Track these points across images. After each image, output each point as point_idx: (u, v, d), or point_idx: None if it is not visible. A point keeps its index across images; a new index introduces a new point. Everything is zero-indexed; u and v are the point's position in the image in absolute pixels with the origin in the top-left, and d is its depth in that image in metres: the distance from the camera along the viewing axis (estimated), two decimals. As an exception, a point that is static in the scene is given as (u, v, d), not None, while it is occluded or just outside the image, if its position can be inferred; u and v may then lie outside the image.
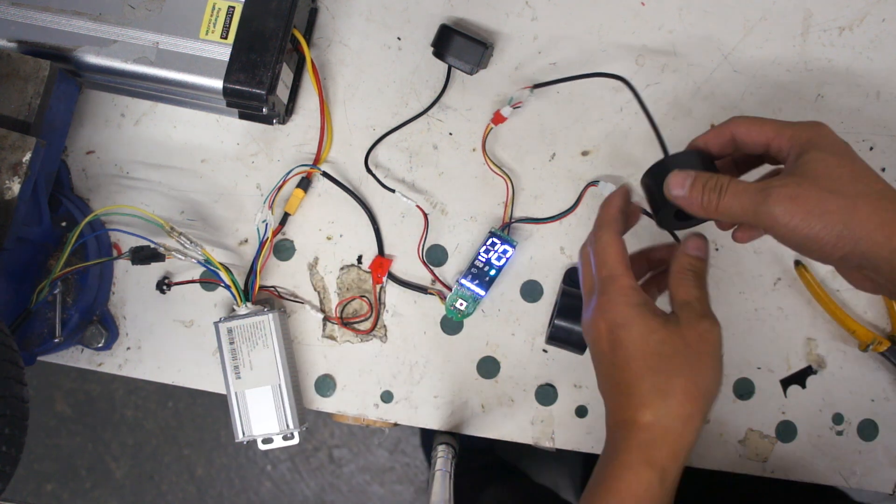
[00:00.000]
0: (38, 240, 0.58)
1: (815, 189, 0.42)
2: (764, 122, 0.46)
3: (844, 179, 0.42)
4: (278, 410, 0.60)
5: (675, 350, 0.44)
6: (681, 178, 0.46)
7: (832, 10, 0.65)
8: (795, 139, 0.44)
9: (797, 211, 0.42)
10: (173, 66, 0.57)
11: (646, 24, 0.65)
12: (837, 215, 0.41)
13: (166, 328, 0.64)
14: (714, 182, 0.45)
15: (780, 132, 0.45)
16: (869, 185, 0.42)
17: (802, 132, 0.45)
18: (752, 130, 0.46)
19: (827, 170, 0.42)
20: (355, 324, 0.64)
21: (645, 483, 0.44)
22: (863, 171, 0.43)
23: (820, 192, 0.41)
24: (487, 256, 0.62)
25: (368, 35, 0.65)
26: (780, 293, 0.64)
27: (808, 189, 0.42)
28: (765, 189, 0.43)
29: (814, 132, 0.44)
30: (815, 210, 0.41)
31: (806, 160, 0.43)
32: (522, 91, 0.62)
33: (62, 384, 1.44)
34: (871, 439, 0.64)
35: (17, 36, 0.57)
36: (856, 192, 0.41)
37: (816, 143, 0.44)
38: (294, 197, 0.64)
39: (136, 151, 0.65)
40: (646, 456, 0.44)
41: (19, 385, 0.47)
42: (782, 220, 0.42)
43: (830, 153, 0.43)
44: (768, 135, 0.45)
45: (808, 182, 0.42)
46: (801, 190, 0.42)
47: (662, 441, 0.44)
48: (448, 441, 0.65)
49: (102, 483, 1.45)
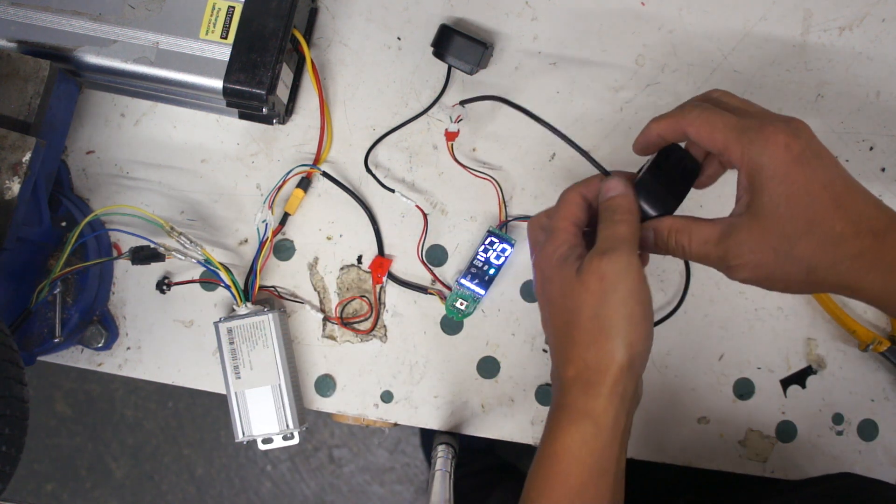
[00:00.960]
0: (38, 240, 0.58)
1: (773, 254, 0.42)
2: (714, 129, 0.43)
3: (798, 235, 0.41)
4: (278, 410, 0.60)
5: (580, 301, 0.45)
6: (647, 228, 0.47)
7: (832, 10, 0.65)
8: (746, 162, 0.42)
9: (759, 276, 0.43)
10: (173, 66, 0.57)
11: (646, 24, 0.65)
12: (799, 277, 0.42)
13: (166, 328, 0.64)
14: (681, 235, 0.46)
15: (729, 145, 0.43)
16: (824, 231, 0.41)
17: (753, 155, 0.42)
18: (703, 133, 0.44)
19: (780, 224, 0.41)
20: (355, 324, 0.64)
21: (578, 439, 0.44)
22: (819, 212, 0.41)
23: (777, 258, 0.42)
24: (486, 256, 0.62)
25: (368, 35, 0.65)
26: (780, 293, 0.64)
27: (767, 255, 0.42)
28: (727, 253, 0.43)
29: (765, 157, 0.42)
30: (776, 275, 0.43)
31: (759, 209, 0.42)
32: (454, 108, 0.62)
33: (62, 384, 1.44)
34: (871, 439, 0.64)
35: (17, 36, 0.57)
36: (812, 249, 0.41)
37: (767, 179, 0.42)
38: (294, 197, 0.64)
39: (136, 151, 0.65)
40: (574, 411, 0.45)
41: (19, 385, 0.47)
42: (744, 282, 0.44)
43: (782, 196, 0.41)
44: (717, 145, 0.44)
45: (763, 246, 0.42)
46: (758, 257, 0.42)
47: (585, 393, 0.44)
48: (448, 441, 0.65)
49: (102, 483, 1.45)
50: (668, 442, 0.64)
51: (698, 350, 0.64)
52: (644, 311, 0.44)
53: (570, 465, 0.45)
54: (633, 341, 0.44)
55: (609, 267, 0.44)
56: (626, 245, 0.45)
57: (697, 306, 0.64)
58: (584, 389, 0.45)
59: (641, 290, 0.44)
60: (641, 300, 0.44)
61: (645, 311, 0.44)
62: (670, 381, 0.64)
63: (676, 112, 0.46)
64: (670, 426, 0.64)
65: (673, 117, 0.46)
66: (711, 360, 0.64)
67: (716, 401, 0.64)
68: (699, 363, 0.64)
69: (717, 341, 0.64)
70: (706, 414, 0.64)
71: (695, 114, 0.44)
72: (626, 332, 0.44)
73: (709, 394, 0.64)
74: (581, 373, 0.45)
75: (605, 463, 0.44)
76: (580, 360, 0.45)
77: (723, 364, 0.64)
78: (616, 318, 0.44)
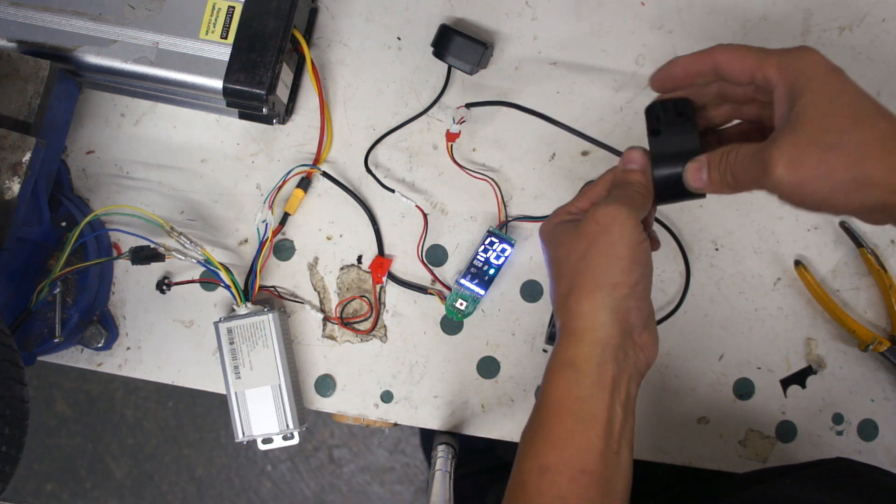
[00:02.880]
0: (38, 240, 0.58)
1: (815, 149, 0.39)
2: (748, 51, 0.43)
3: (845, 128, 0.39)
4: (278, 410, 0.60)
5: (573, 246, 0.46)
6: (695, 170, 0.45)
7: (832, 10, 0.65)
8: (783, 71, 0.41)
9: (802, 176, 0.39)
10: (173, 66, 0.57)
11: (646, 24, 0.65)
12: (844, 172, 0.39)
13: (166, 328, 0.64)
14: (723, 161, 0.44)
15: (764, 61, 0.42)
16: (872, 128, 0.39)
17: (790, 63, 0.41)
18: (735, 60, 0.43)
19: (824, 120, 0.39)
20: (355, 324, 0.64)
21: (562, 386, 0.45)
22: (863, 110, 0.40)
23: (821, 151, 0.39)
24: (486, 256, 0.62)
25: (368, 35, 0.65)
26: (780, 293, 0.64)
27: (809, 149, 0.39)
28: (765, 157, 0.41)
29: (803, 63, 0.41)
30: (819, 172, 0.39)
31: (800, 109, 0.40)
32: (458, 110, 0.62)
33: (62, 384, 1.44)
34: (871, 439, 0.64)
35: (17, 36, 0.57)
36: (859, 140, 0.39)
37: (807, 81, 0.41)
38: (294, 197, 0.64)
39: (136, 151, 0.65)
40: (557, 361, 0.46)
41: (19, 385, 0.47)
42: (788, 188, 0.40)
43: (825, 95, 0.40)
44: (751, 65, 0.43)
45: (806, 140, 0.39)
46: (800, 152, 0.39)
47: (568, 341, 0.45)
48: (448, 441, 0.65)
49: (102, 483, 1.45)
50: (668, 442, 0.64)
51: (698, 350, 0.64)
52: (634, 255, 0.45)
53: (555, 414, 0.45)
54: (619, 283, 0.44)
55: (603, 211, 0.45)
56: (628, 201, 0.46)
57: (697, 306, 0.64)
58: (567, 337, 0.46)
59: (633, 235, 0.45)
60: (631, 244, 0.45)
61: (635, 256, 0.45)
62: (670, 381, 0.64)
63: (702, 51, 0.45)
64: (670, 426, 0.64)
65: (700, 53, 0.45)
66: (711, 360, 0.64)
67: (716, 401, 0.64)
68: (699, 363, 0.64)
69: (717, 341, 0.64)
70: (706, 414, 0.64)
71: (723, 46, 0.44)
72: (610, 274, 0.44)
73: (709, 394, 0.64)
74: (565, 322, 0.46)
75: (592, 409, 0.44)
76: (564, 307, 0.46)
77: (723, 364, 0.64)
78: (601, 259, 0.45)
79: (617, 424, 0.45)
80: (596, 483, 0.44)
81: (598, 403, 0.44)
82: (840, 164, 0.39)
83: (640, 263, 0.45)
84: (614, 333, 0.45)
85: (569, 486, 0.43)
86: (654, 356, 0.48)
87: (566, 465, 0.44)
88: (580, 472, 0.43)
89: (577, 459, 0.44)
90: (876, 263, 0.63)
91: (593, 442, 0.44)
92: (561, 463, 0.44)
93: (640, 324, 0.46)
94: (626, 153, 0.49)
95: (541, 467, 0.44)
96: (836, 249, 0.65)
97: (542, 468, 0.44)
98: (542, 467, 0.44)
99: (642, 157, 0.48)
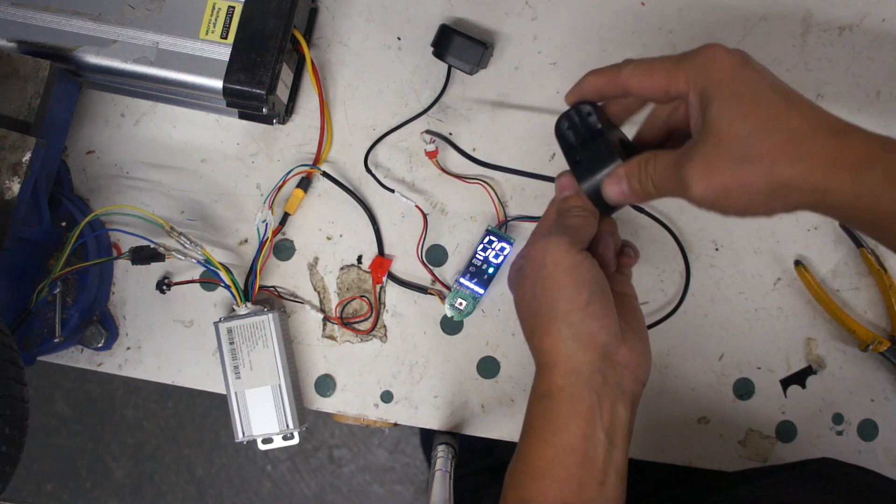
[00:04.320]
0: (38, 240, 0.58)
1: (727, 162, 0.38)
2: (654, 68, 0.42)
3: (753, 135, 0.38)
4: (278, 410, 0.60)
5: (524, 293, 0.47)
6: (614, 184, 0.45)
7: (832, 10, 0.65)
8: (692, 80, 0.40)
9: (717, 191, 0.39)
10: (173, 66, 0.57)
11: (646, 24, 0.65)
12: (759, 182, 0.38)
13: (166, 328, 0.64)
14: (643, 171, 0.43)
15: (671, 75, 0.41)
16: (781, 131, 0.38)
17: (696, 70, 0.40)
18: (644, 81, 0.42)
19: (732, 129, 0.38)
20: (355, 324, 0.64)
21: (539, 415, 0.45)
22: (772, 111, 0.38)
23: (733, 164, 0.38)
24: (485, 254, 0.62)
25: (368, 35, 0.65)
26: (780, 293, 0.64)
27: (721, 164, 0.39)
28: (681, 173, 0.40)
29: (707, 67, 0.40)
30: (734, 184, 0.38)
31: (709, 120, 0.39)
32: (423, 135, 0.63)
33: (62, 384, 1.44)
34: (871, 439, 0.64)
35: (17, 36, 0.57)
36: (770, 146, 0.38)
37: (714, 87, 0.39)
38: (294, 197, 0.64)
39: (136, 151, 0.65)
40: (536, 392, 0.46)
41: (19, 385, 0.47)
42: (708, 202, 0.40)
43: (732, 101, 0.39)
44: (661, 82, 0.42)
45: (717, 154, 0.39)
46: (712, 168, 0.39)
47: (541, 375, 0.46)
48: (448, 441, 0.65)
49: (102, 483, 1.45)
50: (668, 442, 0.64)
51: (698, 350, 0.64)
52: (574, 278, 0.44)
53: (532, 445, 0.45)
54: (568, 310, 0.44)
55: (534, 248, 0.46)
56: (563, 229, 0.46)
57: (697, 306, 0.64)
58: (541, 372, 0.46)
59: (566, 259, 0.44)
60: (568, 268, 0.44)
61: (577, 278, 0.44)
62: (670, 381, 0.64)
63: (612, 68, 0.45)
64: (670, 426, 0.64)
65: (609, 72, 0.45)
66: (711, 360, 0.64)
67: (716, 401, 0.64)
68: (699, 363, 0.64)
69: (717, 341, 0.64)
70: (706, 414, 0.64)
71: (630, 67, 0.43)
72: (558, 304, 0.44)
73: (709, 394, 0.64)
74: (536, 360, 0.47)
75: (569, 439, 0.43)
76: (532, 347, 0.47)
77: (723, 364, 0.64)
78: (546, 293, 0.45)
79: (599, 453, 0.43)
80: None
81: (575, 432, 0.43)
82: (753, 175, 0.38)
83: (584, 283, 0.44)
84: (585, 360, 0.44)
85: None
86: (643, 371, 0.46)
87: (544, 496, 0.43)
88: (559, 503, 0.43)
89: (556, 490, 0.43)
90: (876, 263, 0.63)
91: (572, 472, 0.43)
92: (539, 493, 0.43)
93: (613, 342, 0.45)
94: (557, 181, 0.49)
95: (521, 499, 0.44)
96: (836, 249, 0.65)
97: (522, 499, 0.44)
98: (521, 499, 0.44)
99: (571, 181, 0.48)
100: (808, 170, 0.37)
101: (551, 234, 0.46)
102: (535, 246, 0.46)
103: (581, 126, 0.47)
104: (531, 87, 0.65)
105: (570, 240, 0.45)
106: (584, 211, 0.48)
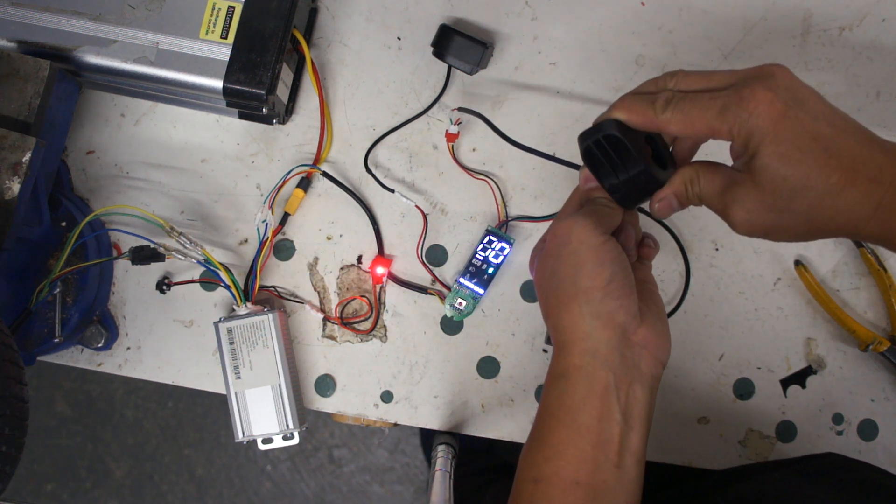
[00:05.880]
0: (38, 240, 0.58)
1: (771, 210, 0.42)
2: (693, 117, 0.42)
3: (796, 190, 0.41)
4: (278, 410, 0.60)
5: (545, 271, 0.47)
6: (665, 207, 0.47)
7: (832, 10, 0.65)
8: (736, 137, 0.42)
9: (759, 230, 0.43)
10: (173, 66, 0.57)
11: (646, 24, 0.65)
12: (798, 227, 0.42)
13: (166, 328, 0.64)
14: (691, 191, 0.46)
15: (714, 129, 0.42)
16: (819, 186, 0.40)
17: (740, 127, 0.41)
18: (685, 130, 0.43)
19: (776, 184, 0.41)
20: (355, 324, 0.64)
21: (555, 395, 0.45)
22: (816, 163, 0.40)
23: (777, 214, 0.42)
24: (485, 254, 0.62)
25: (368, 35, 0.65)
26: (780, 293, 0.64)
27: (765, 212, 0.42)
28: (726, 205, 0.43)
29: (751, 127, 0.41)
30: (776, 228, 0.43)
31: (756, 169, 0.41)
32: (454, 112, 0.62)
33: (62, 384, 1.44)
34: (871, 439, 0.64)
35: (17, 36, 0.57)
36: (812, 201, 0.41)
37: (759, 143, 0.41)
38: (294, 197, 0.64)
39: (136, 151, 0.65)
40: (553, 371, 0.46)
41: (19, 385, 0.47)
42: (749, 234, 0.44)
43: (776, 159, 0.41)
44: (702, 131, 0.43)
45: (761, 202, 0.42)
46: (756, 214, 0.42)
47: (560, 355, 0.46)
48: (448, 441, 0.65)
49: (102, 483, 1.44)
50: (668, 442, 0.64)
51: (698, 350, 0.64)
52: (598, 256, 0.44)
53: (548, 425, 0.45)
54: (590, 287, 0.44)
55: (559, 225, 0.46)
56: (589, 213, 0.47)
57: (697, 306, 0.64)
58: (559, 351, 0.46)
59: (591, 238, 0.45)
60: (592, 246, 0.45)
61: (599, 257, 0.44)
62: (670, 381, 0.64)
63: (646, 104, 0.44)
64: (670, 426, 0.64)
65: (645, 111, 0.44)
66: (711, 360, 0.64)
67: (716, 401, 0.64)
68: (699, 363, 0.64)
69: (717, 341, 0.64)
70: (706, 414, 0.64)
71: (668, 114, 0.43)
72: (579, 281, 0.44)
73: (709, 394, 0.64)
74: (555, 338, 0.47)
75: (584, 419, 0.43)
76: (551, 325, 0.47)
77: (723, 364, 0.64)
78: (568, 270, 0.45)
79: (615, 434, 0.43)
80: (589, 495, 0.43)
81: (591, 412, 0.44)
82: (793, 224, 0.42)
83: (607, 262, 0.45)
84: (603, 339, 0.44)
85: (561, 498, 0.43)
86: (663, 352, 0.46)
87: (558, 476, 0.43)
88: (573, 484, 0.43)
89: (570, 470, 0.43)
90: (876, 263, 0.63)
91: (586, 452, 0.43)
92: (553, 474, 0.43)
93: (632, 321, 0.45)
94: (581, 172, 0.49)
95: (534, 478, 0.44)
96: (836, 249, 0.65)
97: (535, 479, 0.44)
98: (535, 478, 0.44)
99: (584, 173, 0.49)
100: (842, 222, 0.41)
101: (578, 215, 0.46)
102: (561, 224, 0.46)
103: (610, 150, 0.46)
104: (531, 87, 0.65)
105: (597, 221, 0.46)
106: (610, 201, 0.48)
